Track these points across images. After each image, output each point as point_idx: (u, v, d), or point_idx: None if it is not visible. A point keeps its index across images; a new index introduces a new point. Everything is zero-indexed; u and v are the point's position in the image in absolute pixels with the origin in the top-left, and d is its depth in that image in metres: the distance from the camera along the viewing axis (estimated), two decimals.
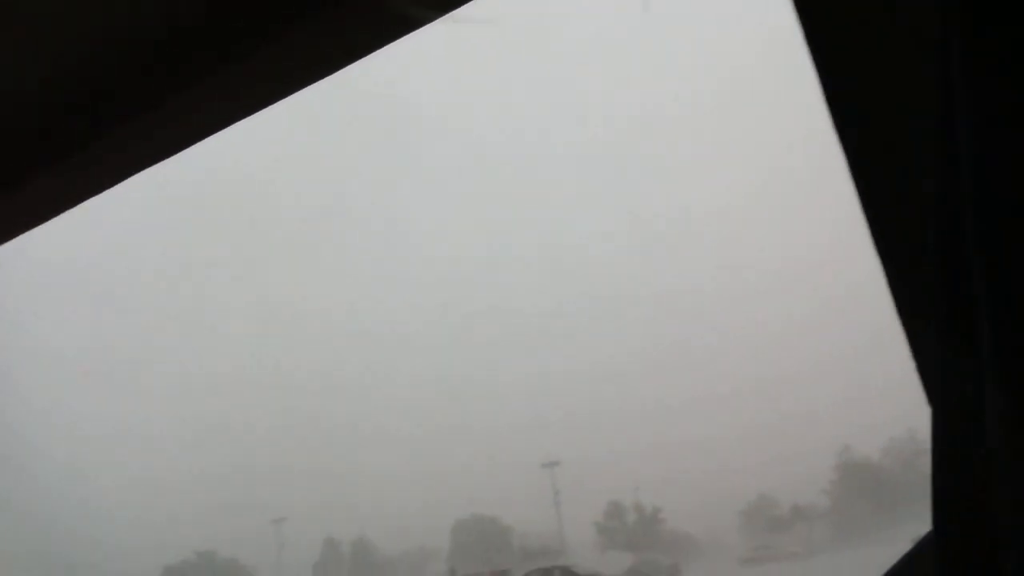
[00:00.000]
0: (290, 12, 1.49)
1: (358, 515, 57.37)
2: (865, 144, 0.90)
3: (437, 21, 1.48)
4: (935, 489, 0.66)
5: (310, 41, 1.57)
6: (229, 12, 1.59)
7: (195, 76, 1.68)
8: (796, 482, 54.00)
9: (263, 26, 1.54)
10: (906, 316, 0.97)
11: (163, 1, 1.62)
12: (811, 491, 50.40)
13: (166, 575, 43.15)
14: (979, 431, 0.55)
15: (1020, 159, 0.54)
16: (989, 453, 0.54)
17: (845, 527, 45.49)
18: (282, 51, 1.57)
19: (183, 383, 66.88)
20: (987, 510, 0.55)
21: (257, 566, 48.36)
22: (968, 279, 0.55)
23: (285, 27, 1.50)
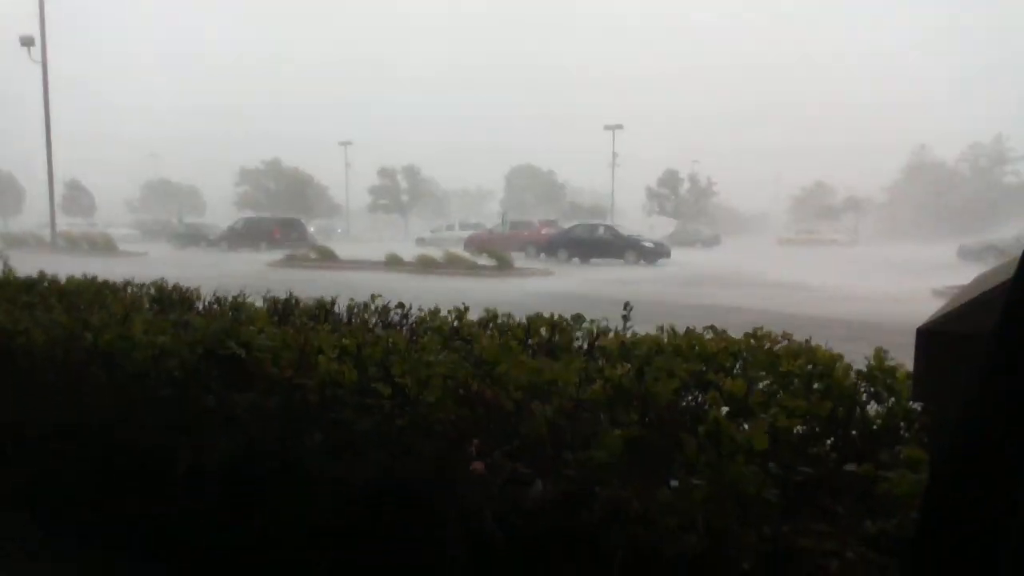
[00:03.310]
0: None
1: (419, 152, 59.39)
2: None
3: None
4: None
5: None
6: None
7: None
8: (860, 174, 53.37)
9: None
10: None
11: None
12: (872, 185, 49.93)
13: (241, 175, 48.01)
14: None
15: None
16: None
17: (895, 224, 45.79)
18: None
19: None
20: None
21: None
22: None
23: None
